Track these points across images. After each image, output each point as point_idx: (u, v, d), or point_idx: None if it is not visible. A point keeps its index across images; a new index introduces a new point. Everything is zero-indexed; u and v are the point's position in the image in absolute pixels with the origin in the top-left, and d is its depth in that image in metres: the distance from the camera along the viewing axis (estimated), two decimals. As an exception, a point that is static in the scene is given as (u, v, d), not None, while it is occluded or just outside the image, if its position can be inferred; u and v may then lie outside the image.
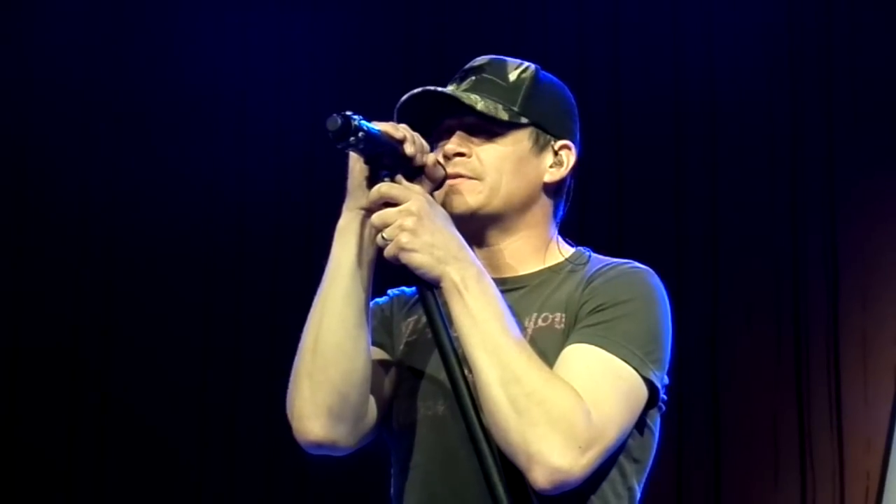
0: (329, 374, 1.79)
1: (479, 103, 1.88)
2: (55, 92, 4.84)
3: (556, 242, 1.97)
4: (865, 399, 4.55)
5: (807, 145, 4.73)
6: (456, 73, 1.97)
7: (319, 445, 1.83)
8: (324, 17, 4.95)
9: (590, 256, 1.95)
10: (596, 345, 1.77)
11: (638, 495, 1.87)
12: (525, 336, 1.79)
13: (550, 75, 2.00)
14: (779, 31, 4.82)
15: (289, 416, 1.83)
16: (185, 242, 4.79)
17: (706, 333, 4.63)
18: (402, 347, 1.94)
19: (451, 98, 1.89)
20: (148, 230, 4.79)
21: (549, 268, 1.94)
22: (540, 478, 1.66)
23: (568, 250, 1.97)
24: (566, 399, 1.67)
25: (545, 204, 1.95)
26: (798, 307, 4.63)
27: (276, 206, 4.85)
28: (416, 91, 1.89)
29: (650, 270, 1.89)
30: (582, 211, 4.35)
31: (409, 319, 1.96)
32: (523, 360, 1.69)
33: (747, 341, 4.66)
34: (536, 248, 1.94)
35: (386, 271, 1.86)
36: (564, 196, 1.99)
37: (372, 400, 1.87)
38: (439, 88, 1.89)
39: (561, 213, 1.99)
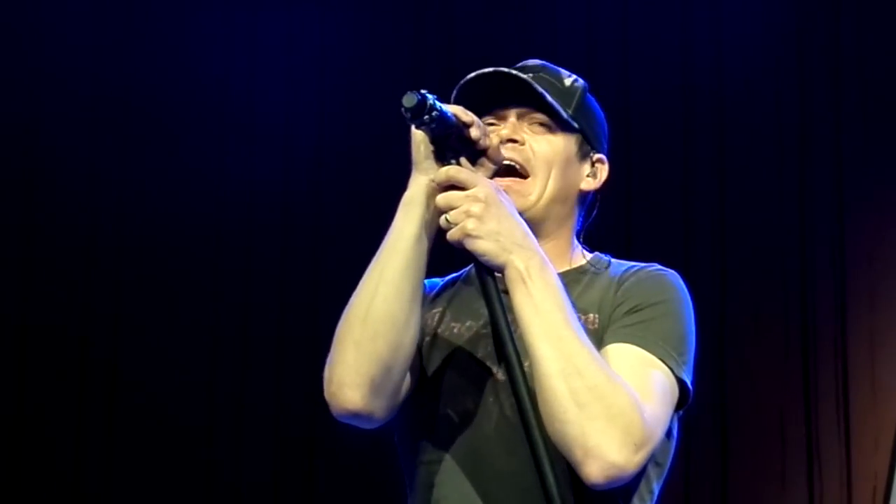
0: (377, 345, 1.76)
1: (548, 95, 1.90)
2: (64, 87, 4.85)
3: (578, 247, 2.00)
4: (873, 399, 4.54)
5: (815, 144, 4.73)
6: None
7: (355, 415, 1.79)
8: (332, 17, 4.95)
9: (609, 261, 1.99)
10: (636, 344, 1.79)
11: (656, 499, 1.88)
12: None
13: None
14: (787, 29, 4.82)
15: (326, 381, 1.79)
16: (194, 238, 4.80)
17: (714, 333, 4.62)
18: (427, 339, 1.93)
19: (518, 85, 1.89)
20: (157, 224, 4.80)
21: (575, 269, 1.96)
22: (595, 471, 1.65)
23: (587, 255, 2.00)
24: (626, 396, 1.68)
25: (575, 211, 1.99)
26: (806, 307, 4.62)
27: (284, 203, 4.84)
28: (486, 70, 1.89)
29: (676, 273, 1.93)
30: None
31: (434, 311, 1.96)
32: (585, 353, 1.68)
33: (755, 341, 4.65)
34: (563, 251, 1.96)
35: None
36: (589, 208, 2.03)
37: (408, 377, 1.85)
38: (513, 71, 1.90)
39: (583, 224, 2.02)
